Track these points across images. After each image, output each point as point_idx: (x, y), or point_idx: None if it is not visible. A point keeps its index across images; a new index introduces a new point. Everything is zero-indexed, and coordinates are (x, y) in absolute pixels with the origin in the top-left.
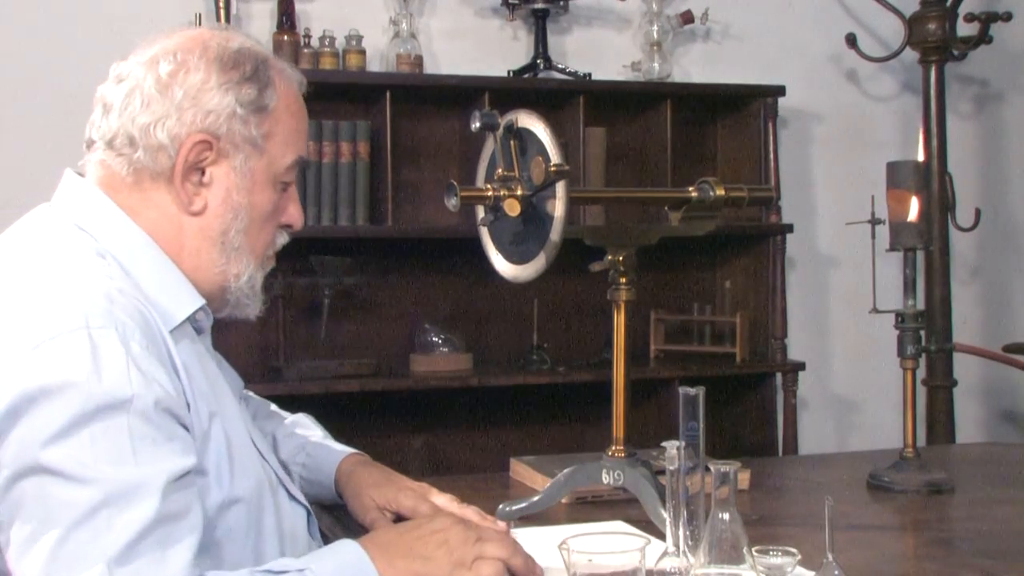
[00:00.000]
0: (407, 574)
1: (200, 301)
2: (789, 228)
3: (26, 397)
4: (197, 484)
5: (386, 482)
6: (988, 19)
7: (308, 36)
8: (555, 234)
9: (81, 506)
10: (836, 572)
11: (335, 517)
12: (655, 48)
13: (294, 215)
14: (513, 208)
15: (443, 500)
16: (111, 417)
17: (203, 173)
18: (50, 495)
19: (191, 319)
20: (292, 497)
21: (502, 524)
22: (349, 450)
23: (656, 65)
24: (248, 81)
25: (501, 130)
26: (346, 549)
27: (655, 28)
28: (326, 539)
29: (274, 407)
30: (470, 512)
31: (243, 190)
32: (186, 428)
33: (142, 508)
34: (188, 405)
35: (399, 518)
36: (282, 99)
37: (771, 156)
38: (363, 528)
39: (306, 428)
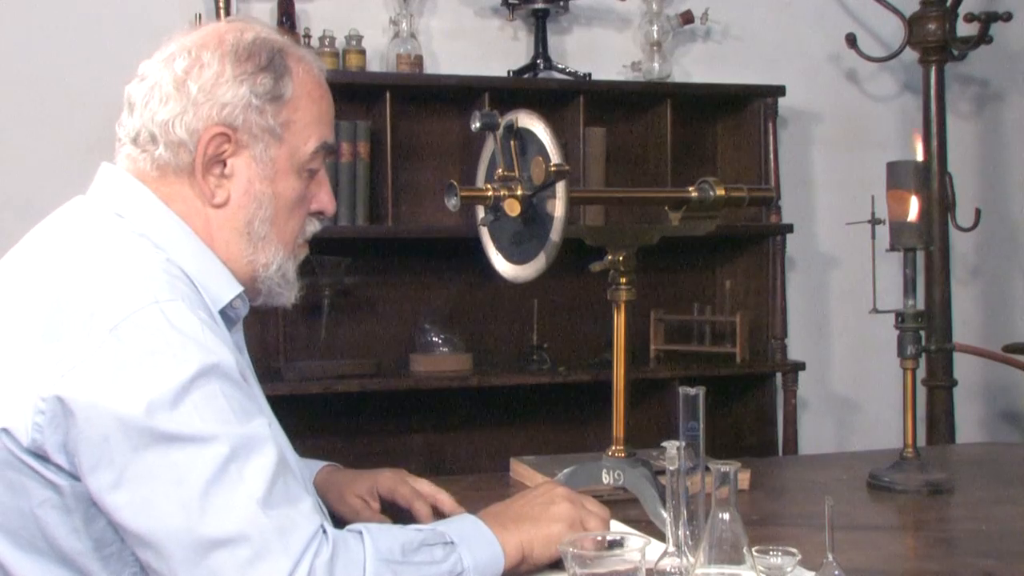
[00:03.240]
0: (517, 536)
1: (239, 288)
2: (789, 228)
3: (115, 376)
4: None
5: (361, 477)
6: (988, 19)
7: (308, 36)
8: (555, 234)
9: (211, 463)
10: (836, 572)
11: None
12: (655, 48)
13: (324, 201)
14: (513, 208)
15: (423, 484)
16: (205, 384)
17: (224, 165)
18: (177, 460)
19: (227, 308)
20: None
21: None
22: (321, 462)
23: (656, 65)
24: (263, 71)
25: (501, 130)
26: (460, 518)
27: (655, 28)
28: None
29: None
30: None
31: (265, 179)
32: None
33: (265, 455)
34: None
35: (384, 507)
36: (300, 87)
37: (771, 156)
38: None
39: None
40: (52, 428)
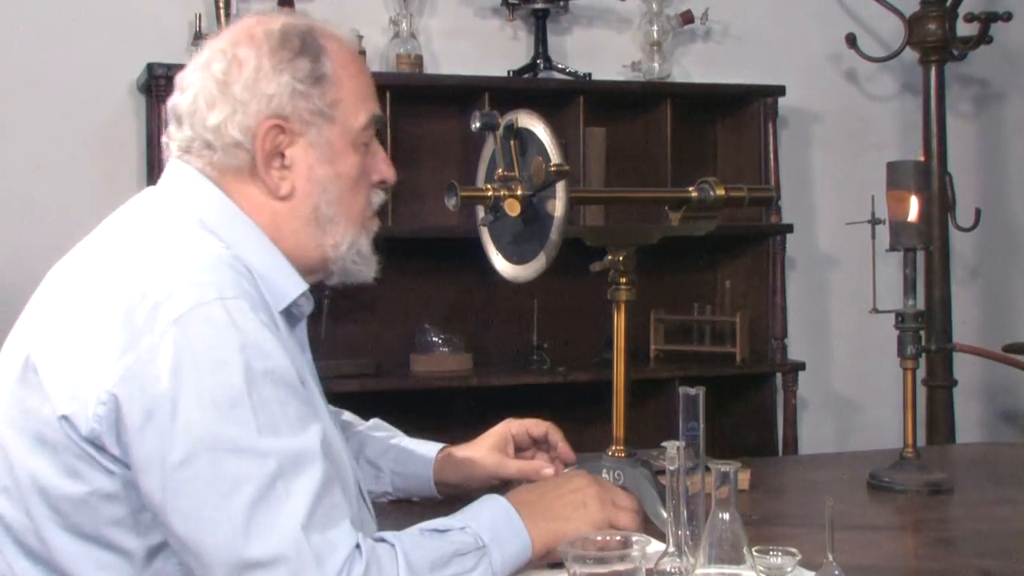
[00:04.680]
0: (548, 532)
1: (303, 286)
2: (789, 228)
3: (174, 374)
4: None
5: (487, 455)
6: (988, 19)
7: None
8: (555, 234)
9: (259, 479)
10: (836, 572)
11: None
12: (655, 48)
13: (384, 171)
14: (513, 208)
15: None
16: (260, 389)
17: (283, 157)
18: (227, 472)
19: (291, 305)
20: (364, 500)
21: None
22: (438, 445)
23: (656, 65)
24: (299, 56)
25: (501, 130)
26: (495, 504)
27: (655, 28)
28: None
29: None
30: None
31: (325, 162)
32: None
33: (311, 473)
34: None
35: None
36: (338, 63)
37: (771, 156)
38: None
39: (387, 430)
40: (110, 421)
